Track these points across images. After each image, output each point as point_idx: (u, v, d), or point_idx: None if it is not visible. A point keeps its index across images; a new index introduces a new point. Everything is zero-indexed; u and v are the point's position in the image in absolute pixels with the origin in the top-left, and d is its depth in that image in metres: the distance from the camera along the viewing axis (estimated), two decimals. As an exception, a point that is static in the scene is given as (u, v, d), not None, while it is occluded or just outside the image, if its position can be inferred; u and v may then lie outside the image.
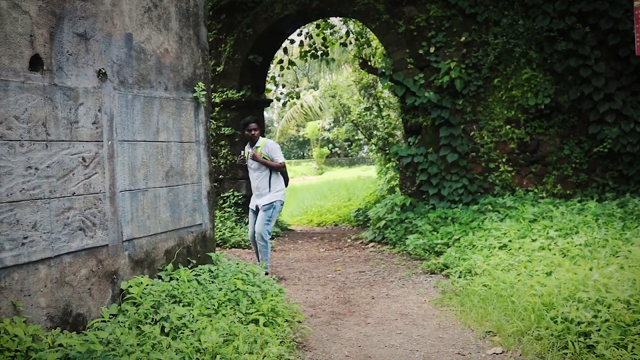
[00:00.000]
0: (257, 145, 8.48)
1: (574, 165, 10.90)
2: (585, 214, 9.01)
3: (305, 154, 63.48)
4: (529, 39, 10.92)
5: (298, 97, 16.81)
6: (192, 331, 4.79)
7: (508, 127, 11.16)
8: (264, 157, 8.43)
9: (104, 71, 5.13)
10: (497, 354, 5.28)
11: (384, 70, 11.86)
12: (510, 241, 8.39)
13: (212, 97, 12.95)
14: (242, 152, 8.69)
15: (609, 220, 8.73)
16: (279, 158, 8.53)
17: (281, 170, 8.62)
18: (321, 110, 38.90)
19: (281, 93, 16.65)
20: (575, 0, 10.54)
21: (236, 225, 12.60)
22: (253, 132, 8.50)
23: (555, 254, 7.39)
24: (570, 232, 8.32)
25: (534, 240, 8.20)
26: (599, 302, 5.23)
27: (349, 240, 12.16)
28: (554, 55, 10.74)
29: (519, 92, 11.05)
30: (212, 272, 6.30)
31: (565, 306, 5.32)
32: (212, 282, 6.03)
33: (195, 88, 6.55)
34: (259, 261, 8.61)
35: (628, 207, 9.43)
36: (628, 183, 10.62)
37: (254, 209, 8.58)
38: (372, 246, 11.16)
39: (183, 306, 5.24)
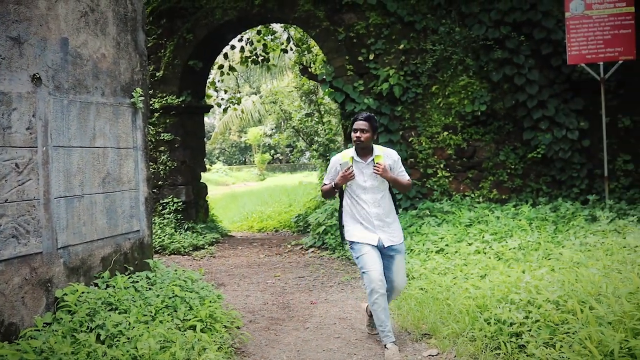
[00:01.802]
0: (376, 154, 5.66)
1: (509, 170, 11.17)
2: (519, 218, 9.26)
3: (247, 160, 63.27)
4: (466, 47, 11.17)
5: (239, 103, 16.78)
6: (128, 338, 4.75)
7: (445, 133, 11.38)
8: None
9: (38, 76, 5.06)
10: (432, 355, 5.39)
11: (324, 76, 11.95)
12: (447, 245, 8.56)
13: (152, 102, 12.83)
14: (339, 163, 5.71)
15: (542, 224, 9.00)
16: (406, 174, 5.90)
17: (409, 189, 6.10)
18: (261, 115, 38.86)
19: (222, 99, 16.59)
20: (510, 11, 10.86)
21: (175, 232, 12.50)
22: (359, 135, 5.59)
23: (490, 258, 7.59)
24: (505, 236, 8.56)
25: (469, 244, 8.38)
26: (530, 303, 5.40)
27: (289, 246, 12.20)
28: (489, 64, 11.03)
29: (456, 99, 11.29)
30: (149, 278, 6.24)
31: (498, 308, 5.48)
32: (150, 288, 5.98)
33: (132, 94, 6.49)
34: (383, 326, 5.51)
35: (560, 211, 9.74)
36: (560, 188, 10.96)
37: (375, 245, 5.58)
38: (312, 252, 11.22)
39: (119, 313, 5.19)
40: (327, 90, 12.02)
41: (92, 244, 5.77)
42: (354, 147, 5.76)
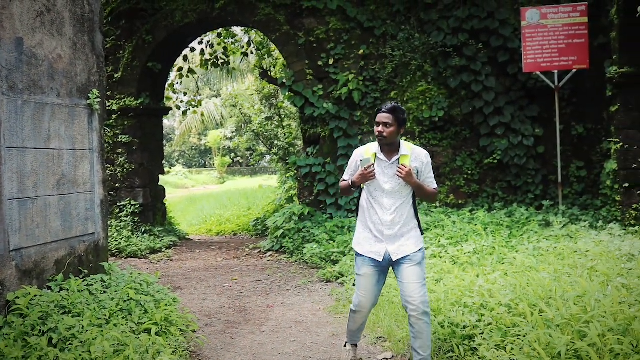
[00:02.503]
0: (402, 153, 4.87)
1: (466, 176, 11.33)
2: (475, 223, 9.39)
3: (207, 163, 62.95)
4: (425, 54, 11.29)
5: (198, 106, 16.69)
6: (81, 342, 4.71)
7: (403, 138, 11.46)
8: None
9: (-9, 76, 5.00)
10: (387, 358, 5.45)
11: (283, 80, 11.98)
12: (403, 249, 8.62)
13: (110, 104, 12.71)
14: (360, 158, 4.87)
15: (497, 228, 9.16)
16: (434, 181, 5.04)
17: (434, 200, 5.51)
18: (222, 118, 38.75)
19: (181, 101, 16.48)
20: (468, 18, 11.04)
21: (133, 234, 12.38)
22: (381, 129, 4.77)
23: (445, 262, 7.69)
24: (460, 240, 8.68)
25: (426, 249, 8.47)
26: (483, 306, 5.51)
27: (247, 250, 12.17)
28: (447, 70, 11.18)
29: (414, 104, 11.41)
30: (104, 282, 6.19)
31: (452, 311, 5.57)
32: (104, 292, 5.93)
33: (89, 95, 6.44)
34: (351, 333, 5.30)
35: (515, 216, 9.93)
36: (515, 193, 11.15)
37: (380, 261, 4.83)
38: (270, 255, 11.22)
39: (73, 317, 5.14)
40: (286, 94, 12.06)
41: (45, 246, 5.71)
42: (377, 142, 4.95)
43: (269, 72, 14.58)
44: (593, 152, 10.86)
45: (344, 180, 5.06)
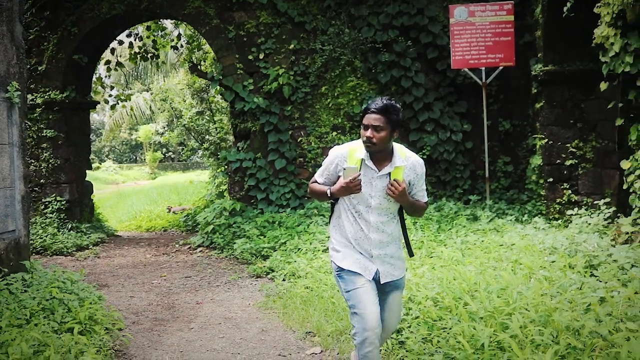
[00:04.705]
0: (396, 164, 4.02)
1: (395, 171, 11.41)
2: (405, 218, 9.47)
3: (138, 158, 61.98)
4: (355, 49, 11.34)
5: (127, 100, 16.34)
6: (-1, 343, 4.56)
7: (334, 133, 11.52)
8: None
9: None
10: (315, 353, 5.45)
11: (214, 74, 11.85)
12: (333, 244, 8.65)
13: (34, 97, 12.33)
14: (344, 166, 4.00)
15: (426, 223, 9.29)
16: (425, 194, 4.30)
17: (422, 215, 4.46)
18: (152, 113, 38.20)
19: (110, 95, 16.10)
20: (397, 14, 11.17)
21: (58, 231, 12.05)
22: (370, 135, 3.92)
23: (374, 256, 7.73)
24: (390, 234, 8.74)
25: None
26: (411, 300, 5.58)
27: (177, 246, 12.02)
28: (377, 66, 11.27)
29: (344, 99, 11.46)
30: (25, 280, 6.02)
31: (380, 305, 5.60)
32: (25, 291, 5.76)
33: (8, 88, 6.23)
34: None
35: (444, 210, 10.09)
36: (445, 188, 11.34)
37: (371, 279, 4.05)
38: (200, 251, 11.09)
39: (-10, 317, 4.98)
40: (217, 88, 11.94)
41: (-39, 244, 5.51)
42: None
43: (199, 66, 14.40)
44: (519, 147, 11.12)
45: (317, 183, 4.29)
